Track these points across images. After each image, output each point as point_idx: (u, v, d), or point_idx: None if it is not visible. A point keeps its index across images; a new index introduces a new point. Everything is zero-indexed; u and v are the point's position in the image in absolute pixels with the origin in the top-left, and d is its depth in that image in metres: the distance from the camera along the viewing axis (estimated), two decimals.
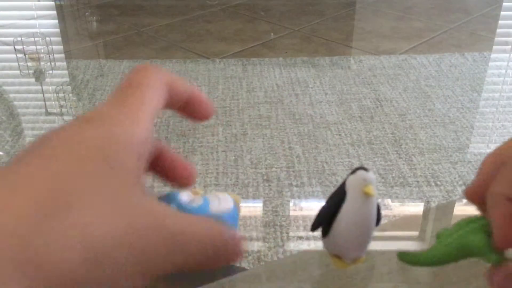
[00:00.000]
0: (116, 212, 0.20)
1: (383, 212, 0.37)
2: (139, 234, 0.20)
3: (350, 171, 0.36)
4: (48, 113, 1.53)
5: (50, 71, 1.80)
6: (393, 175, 1.21)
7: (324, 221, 0.38)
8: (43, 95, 1.65)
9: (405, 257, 0.33)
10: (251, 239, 1.03)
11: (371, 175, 0.36)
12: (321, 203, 0.37)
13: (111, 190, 0.20)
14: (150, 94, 0.24)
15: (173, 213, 0.22)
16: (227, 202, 0.34)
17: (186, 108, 0.28)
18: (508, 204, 0.31)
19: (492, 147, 1.35)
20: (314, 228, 0.40)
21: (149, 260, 0.21)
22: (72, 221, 0.19)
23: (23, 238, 0.18)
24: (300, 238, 1.03)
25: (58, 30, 2.23)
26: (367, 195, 0.35)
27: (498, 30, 2.15)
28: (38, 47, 1.89)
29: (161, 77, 0.25)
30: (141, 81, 0.24)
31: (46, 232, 0.18)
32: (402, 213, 1.13)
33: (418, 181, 1.19)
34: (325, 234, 0.39)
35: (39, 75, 1.77)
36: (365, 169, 0.36)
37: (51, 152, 0.20)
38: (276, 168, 1.25)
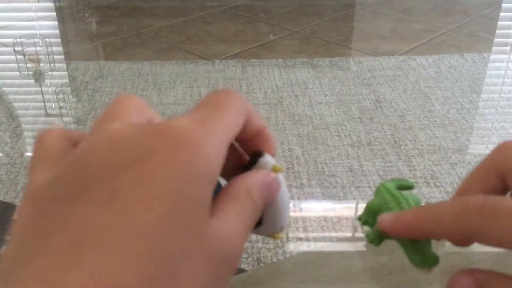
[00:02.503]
0: (205, 265, 0.19)
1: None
2: (219, 272, 0.20)
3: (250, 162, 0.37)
4: (47, 114, 1.53)
5: (50, 73, 1.80)
6: (393, 176, 1.21)
7: None
8: (43, 96, 1.65)
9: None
10: (250, 240, 1.03)
11: (268, 155, 0.37)
12: (321, 204, 0.37)
13: (196, 240, 0.19)
14: (231, 117, 0.23)
15: (229, 230, 0.21)
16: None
17: (251, 141, 0.27)
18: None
19: (492, 147, 1.35)
20: None
21: (222, 285, 0.21)
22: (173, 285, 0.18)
23: None
24: (300, 239, 1.03)
25: (57, 31, 2.23)
26: (277, 173, 0.36)
27: (498, 31, 2.16)
28: (38, 48, 1.89)
29: (243, 104, 0.24)
30: (224, 104, 0.23)
31: None
32: None
33: (418, 182, 1.19)
34: (257, 225, 0.41)
35: (38, 76, 1.77)
36: (261, 155, 0.37)
37: (143, 197, 0.18)
38: None
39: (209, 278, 0.19)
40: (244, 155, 0.28)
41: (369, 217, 0.37)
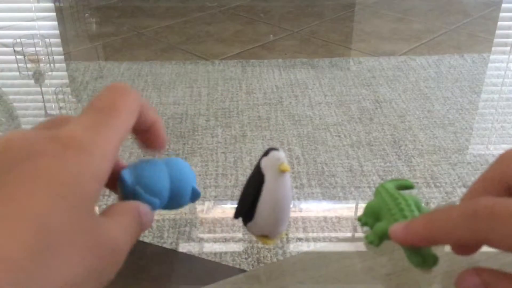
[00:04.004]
0: (88, 248, 0.21)
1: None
2: (103, 260, 0.22)
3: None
4: (47, 115, 1.53)
5: (50, 73, 1.80)
6: (393, 176, 1.21)
7: (249, 206, 0.39)
8: (43, 97, 1.65)
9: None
10: (250, 240, 1.03)
11: (282, 153, 0.38)
12: (321, 204, 0.37)
13: (81, 226, 0.21)
14: (122, 121, 0.24)
15: (116, 230, 0.23)
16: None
17: (144, 134, 0.28)
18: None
19: (492, 148, 1.35)
20: (238, 215, 0.41)
21: (107, 276, 0.22)
22: (57, 264, 0.19)
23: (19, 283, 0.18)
24: (300, 239, 1.03)
25: (57, 31, 2.23)
26: (283, 172, 0.36)
27: (497, 32, 2.16)
28: (38, 48, 1.89)
29: (135, 101, 0.25)
30: (115, 105, 0.24)
31: (37, 279, 0.19)
32: None
33: (417, 183, 1.20)
34: (249, 219, 0.40)
35: (38, 77, 1.77)
36: (275, 149, 0.37)
37: (31, 186, 0.20)
38: None
39: (92, 264, 0.21)
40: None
41: (368, 218, 0.37)
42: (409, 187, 0.38)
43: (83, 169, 0.21)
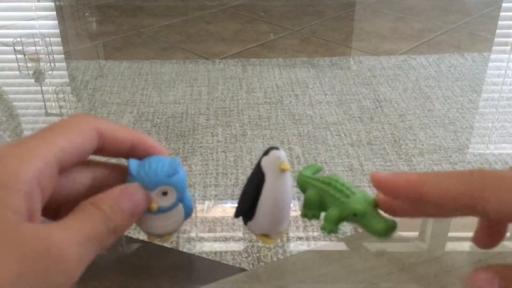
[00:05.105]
0: (13, 256, 0.21)
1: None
2: (37, 265, 0.22)
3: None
4: (47, 114, 1.53)
5: (50, 72, 1.80)
6: None
7: (249, 205, 0.39)
8: (43, 96, 1.65)
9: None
10: (251, 240, 1.03)
11: (282, 152, 0.38)
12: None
13: (5, 235, 0.21)
14: (58, 136, 0.25)
15: (57, 233, 0.23)
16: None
17: (134, 154, 0.29)
18: None
19: (492, 147, 1.35)
20: (239, 214, 0.41)
21: (52, 279, 0.22)
22: None
23: None
24: (300, 238, 1.03)
25: (57, 30, 2.23)
26: (284, 171, 0.36)
27: (498, 31, 2.15)
28: (38, 47, 1.89)
29: (86, 123, 0.26)
30: (57, 125, 0.26)
31: None
32: None
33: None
34: (249, 218, 0.40)
35: (38, 76, 1.77)
36: (276, 148, 0.38)
37: None
38: None
39: (22, 270, 0.21)
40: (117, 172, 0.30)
41: (313, 210, 0.37)
42: (319, 169, 0.39)
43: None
